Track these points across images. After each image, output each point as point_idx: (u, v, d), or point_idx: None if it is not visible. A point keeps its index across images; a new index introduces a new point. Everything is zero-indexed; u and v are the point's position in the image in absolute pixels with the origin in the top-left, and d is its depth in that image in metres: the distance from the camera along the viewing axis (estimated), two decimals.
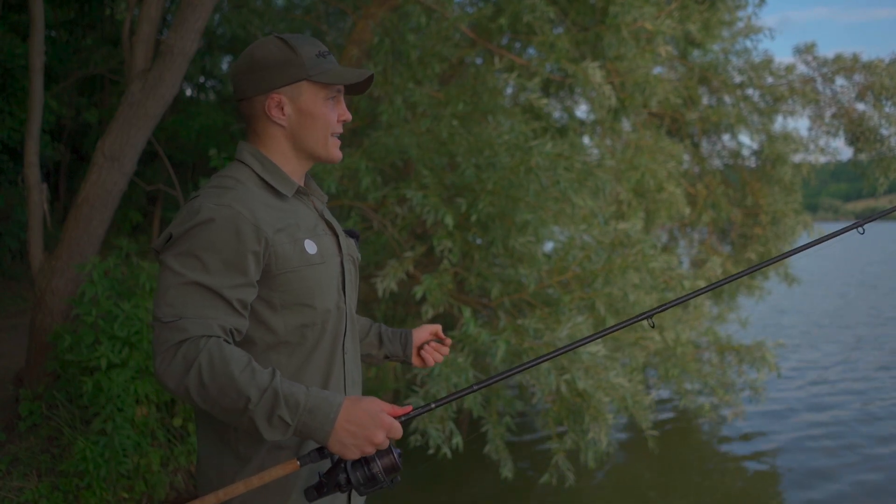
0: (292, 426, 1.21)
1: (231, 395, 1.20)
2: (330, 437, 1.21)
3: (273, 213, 1.40)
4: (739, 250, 7.10)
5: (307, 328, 1.42)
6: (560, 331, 4.07)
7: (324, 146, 1.49)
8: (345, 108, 1.52)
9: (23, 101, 7.44)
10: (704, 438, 6.97)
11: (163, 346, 1.25)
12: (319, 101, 1.46)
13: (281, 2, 9.05)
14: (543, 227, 4.62)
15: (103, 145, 4.61)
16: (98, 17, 10.56)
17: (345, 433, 1.21)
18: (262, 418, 1.20)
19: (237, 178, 1.43)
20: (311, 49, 1.46)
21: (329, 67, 1.47)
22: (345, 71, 1.49)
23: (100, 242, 4.77)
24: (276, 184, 1.45)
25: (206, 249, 1.30)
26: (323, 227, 1.52)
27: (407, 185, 4.69)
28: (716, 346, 6.04)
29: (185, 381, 1.22)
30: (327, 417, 1.21)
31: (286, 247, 1.38)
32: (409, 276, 4.79)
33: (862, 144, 6.52)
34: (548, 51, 5.42)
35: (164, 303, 1.28)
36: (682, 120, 6.67)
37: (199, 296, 1.28)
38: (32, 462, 4.11)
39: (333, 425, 1.21)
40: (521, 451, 5.94)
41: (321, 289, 1.44)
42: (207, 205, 1.34)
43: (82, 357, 4.09)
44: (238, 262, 1.32)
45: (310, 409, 1.21)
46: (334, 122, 1.49)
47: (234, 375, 1.20)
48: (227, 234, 1.32)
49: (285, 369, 1.40)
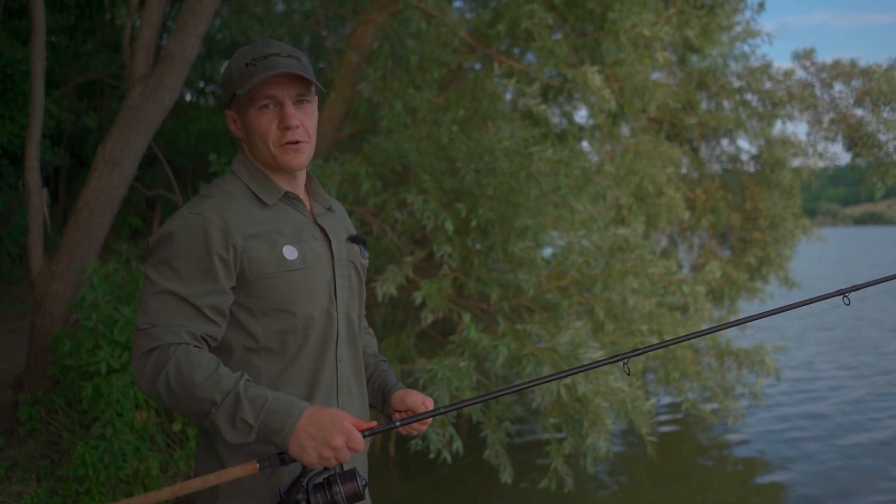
0: (255, 427, 1.24)
1: (196, 399, 1.25)
2: (290, 440, 1.23)
3: (250, 220, 1.42)
4: (739, 254, 7.11)
5: (287, 334, 1.43)
6: (561, 336, 4.07)
7: (270, 157, 1.46)
8: (288, 114, 1.43)
9: (23, 106, 7.45)
10: (704, 443, 6.96)
11: (137, 353, 1.32)
12: (252, 112, 1.44)
13: (280, 7, 9.08)
14: (543, 233, 4.63)
15: (104, 150, 4.62)
16: (98, 23, 10.59)
17: (304, 434, 1.23)
18: (225, 420, 1.24)
19: (222, 188, 1.46)
20: (245, 59, 1.43)
21: (253, 75, 1.40)
22: (259, 74, 1.40)
23: (100, 247, 4.78)
24: (259, 191, 1.47)
25: (178, 258, 1.35)
26: (313, 232, 1.51)
27: (407, 190, 4.70)
28: (715, 350, 6.04)
29: (155, 387, 1.28)
30: (289, 419, 1.23)
31: (261, 252, 1.40)
32: (409, 280, 4.79)
33: (860, 149, 6.54)
34: (547, 56, 5.44)
35: (141, 311, 1.35)
36: (681, 125, 6.68)
37: (171, 305, 1.33)
38: (31, 467, 4.11)
39: (294, 427, 1.23)
40: (521, 456, 5.93)
41: (303, 295, 1.44)
42: (182, 214, 1.39)
43: (82, 361, 4.09)
44: (207, 268, 1.35)
45: (272, 411, 1.24)
46: (272, 131, 1.44)
47: (199, 381, 1.25)
48: (195, 241, 1.36)
49: (266, 375, 1.42)
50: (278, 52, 1.42)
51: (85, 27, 10.33)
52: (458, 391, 3.98)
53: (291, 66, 1.41)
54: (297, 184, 1.54)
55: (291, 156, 1.45)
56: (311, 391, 1.45)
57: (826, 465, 6.06)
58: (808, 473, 5.88)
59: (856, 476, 5.81)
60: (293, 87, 1.44)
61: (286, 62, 1.41)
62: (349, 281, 1.56)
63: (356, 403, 1.57)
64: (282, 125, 1.43)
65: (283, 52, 1.43)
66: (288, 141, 1.44)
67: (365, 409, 1.63)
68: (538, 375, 4.07)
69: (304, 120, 1.45)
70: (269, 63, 1.41)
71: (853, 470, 5.95)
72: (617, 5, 5.37)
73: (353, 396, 1.56)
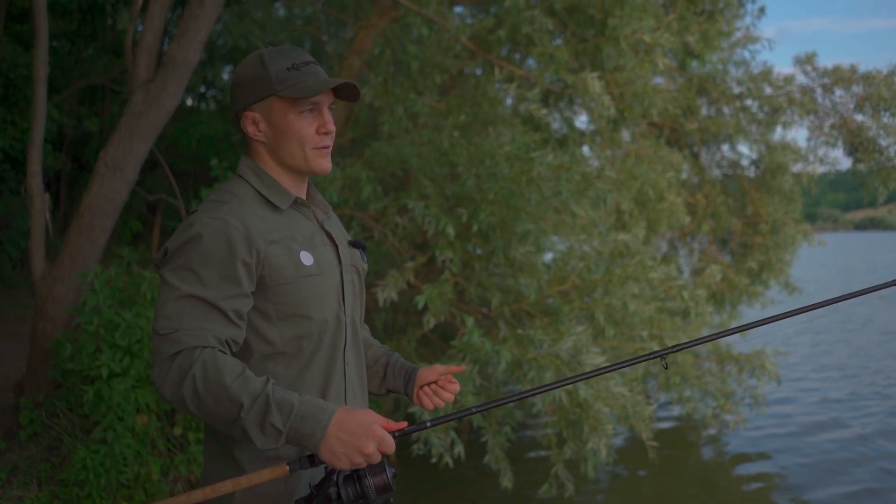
0: (284, 432, 1.22)
1: (224, 403, 1.22)
2: (321, 445, 1.21)
3: (268, 226, 1.42)
4: (740, 259, 7.12)
5: (304, 339, 1.43)
6: (564, 342, 4.07)
7: (303, 160, 1.48)
8: (326, 119, 1.48)
9: (25, 111, 7.47)
10: (705, 448, 6.96)
11: (159, 358, 1.28)
12: (291, 115, 1.45)
13: (282, 12, 9.11)
14: (544, 237, 4.64)
15: (105, 155, 4.63)
16: (100, 28, 10.61)
17: (336, 441, 1.21)
18: (255, 425, 1.22)
19: (233, 193, 1.46)
20: (284, 62, 1.45)
21: (299, 80, 1.44)
22: (315, 83, 1.44)
23: (101, 251, 4.78)
24: (272, 196, 1.47)
25: (201, 263, 1.34)
26: (322, 238, 1.53)
27: (408, 195, 4.71)
28: (715, 355, 6.04)
29: (180, 391, 1.25)
30: (319, 424, 1.22)
31: (281, 258, 1.40)
32: (410, 285, 4.80)
33: (861, 154, 6.55)
34: (547, 62, 5.45)
35: (162, 315, 1.32)
36: (682, 130, 6.70)
37: (195, 308, 1.31)
38: (32, 471, 4.11)
39: (325, 432, 1.21)
40: (521, 461, 5.93)
41: (318, 300, 1.45)
42: (202, 219, 1.38)
43: (83, 366, 4.09)
44: (231, 273, 1.34)
45: (302, 416, 1.22)
46: (311, 135, 1.47)
47: (227, 384, 1.22)
48: (220, 246, 1.35)
49: (282, 379, 1.42)
50: (312, 59, 1.49)
51: (87, 32, 10.34)
52: (461, 395, 3.98)
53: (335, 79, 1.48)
54: (302, 190, 1.56)
55: (324, 161, 1.49)
56: (322, 394, 1.46)
57: (828, 468, 6.05)
58: (810, 476, 5.87)
59: (857, 479, 5.80)
60: (330, 95, 1.49)
61: (326, 71, 1.48)
62: (353, 286, 1.58)
63: (359, 404, 1.59)
64: (322, 129, 1.47)
65: (314, 61, 1.49)
66: (325, 145, 1.48)
67: (366, 406, 1.65)
68: (540, 381, 4.08)
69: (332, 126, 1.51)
70: (312, 70, 1.45)
71: (855, 473, 5.95)
72: (617, 11, 5.39)
73: (356, 398, 1.58)
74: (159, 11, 4.93)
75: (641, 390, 4.99)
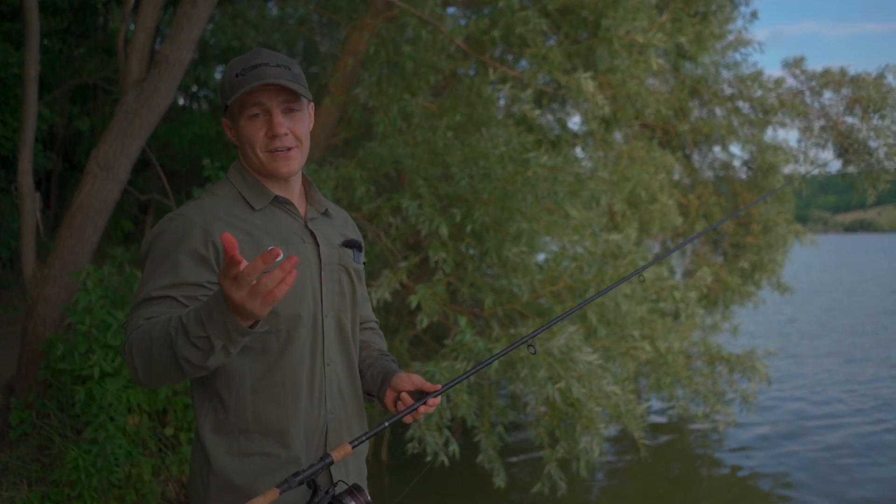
0: (209, 336, 1.20)
1: (162, 351, 1.27)
2: (238, 320, 1.17)
3: (235, 223, 1.45)
4: (732, 260, 7.15)
5: (269, 334, 1.45)
6: (556, 339, 4.09)
7: (259, 163, 1.50)
8: (276, 122, 1.46)
9: (15, 110, 7.42)
10: (696, 447, 6.99)
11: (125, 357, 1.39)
12: (242, 120, 1.49)
13: (275, 12, 9.09)
14: (537, 238, 4.65)
15: (97, 154, 4.61)
16: (91, 27, 10.55)
17: (236, 307, 1.15)
18: (187, 346, 1.22)
19: (213, 192, 1.53)
20: (235, 69, 1.47)
21: (240, 86, 1.44)
22: (247, 84, 1.43)
23: (93, 251, 4.76)
24: (249, 196, 1.52)
25: (159, 260, 1.42)
26: (302, 236, 1.54)
27: (401, 196, 4.71)
28: (706, 356, 6.07)
29: (138, 371, 1.32)
30: (223, 308, 1.17)
31: (244, 252, 1.40)
32: (403, 285, 4.81)
33: (850, 156, 6.59)
34: (540, 63, 5.47)
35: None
36: (674, 131, 6.73)
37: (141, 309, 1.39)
38: (23, 471, 4.08)
39: (230, 310, 1.17)
40: (514, 461, 5.94)
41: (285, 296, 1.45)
42: (168, 216, 1.46)
43: (75, 366, 4.07)
44: (174, 262, 1.40)
45: (209, 313, 1.19)
46: (261, 138, 1.48)
47: (154, 335, 1.28)
48: (175, 239, 1.41)
49: (249, 375, 1.45)
50: (267, 61, 1.46)
51: (78, 31, 10.28)
52: (455, 393, 4.00)
53: (278, 76, 1.45)
54: (290, 189, 1.57)
55: (280, 163, 1.49)
56: (296, 393, 1.47)
57: (819, 467, 6.09)
58: (802, 475, 5.91)
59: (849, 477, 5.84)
60: (281, 96, 1.47)
61: (274, 72, 1.45)
62: (339, 285, 1.58)
63: (349, 406, 1.58)
64: (269, 133, 1.47)
65: (272, 62, 1.46)
66: (276, 148, 1.48)
67: (361, 412, 1.64)
68: (533, 379, 4.09)
69: (293, 127, 1.49)
70: (257, 73, 1.44)
71: (847, 471, 5.99)
72: (611, 12, 5.41)
73: (344, 399, 1.57)
74: (152, 10, 4.92)
75: (633, 390, 5.01)
